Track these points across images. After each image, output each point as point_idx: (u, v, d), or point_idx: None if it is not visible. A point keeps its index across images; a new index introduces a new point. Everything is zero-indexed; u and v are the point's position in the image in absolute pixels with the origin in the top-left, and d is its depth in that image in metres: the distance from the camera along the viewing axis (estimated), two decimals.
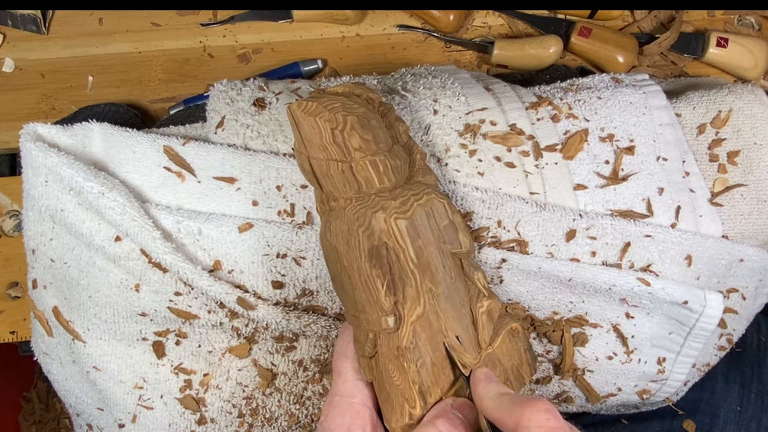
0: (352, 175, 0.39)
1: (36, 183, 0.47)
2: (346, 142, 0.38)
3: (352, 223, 0.38)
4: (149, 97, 0.63)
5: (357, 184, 0.39)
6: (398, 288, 0.38)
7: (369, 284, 0.37)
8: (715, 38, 0.62)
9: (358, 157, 0.38)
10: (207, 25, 0.63)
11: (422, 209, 0.39)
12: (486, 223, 0.46)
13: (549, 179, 0.48)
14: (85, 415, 0.54)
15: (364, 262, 0.37)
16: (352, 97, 0.41)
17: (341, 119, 0.38)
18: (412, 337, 0.38)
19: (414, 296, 0.38)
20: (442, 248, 0.40)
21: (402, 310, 0.38)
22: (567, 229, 0.47)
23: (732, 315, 0.53)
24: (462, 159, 0.47)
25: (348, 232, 0.38)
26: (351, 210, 0.38)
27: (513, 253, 0.46)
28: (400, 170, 0.41)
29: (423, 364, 0.38)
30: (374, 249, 0.37)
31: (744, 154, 0.52)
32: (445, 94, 0.49)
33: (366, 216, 0.38)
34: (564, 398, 0.53)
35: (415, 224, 0.38)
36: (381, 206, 0.38)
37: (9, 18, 0.62)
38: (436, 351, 0.39)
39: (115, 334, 0.48)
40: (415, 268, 0.38)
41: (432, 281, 0.39)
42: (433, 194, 0.40)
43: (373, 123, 0.40)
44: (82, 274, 0.47)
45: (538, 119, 0.50)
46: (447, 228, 0.40)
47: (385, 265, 0.37)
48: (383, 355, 0.38)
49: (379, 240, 0.37)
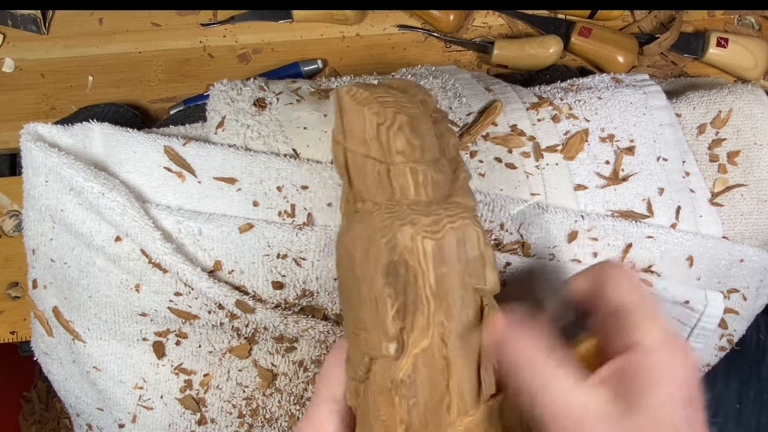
0: (388, 179, 0.35)
1: (36, 183, 0.47)
2: (390, 142, 0.34)
3: (376, 231, 0.34)
4: (149, 97, 0.63)
5: (391, 190, 0.35)
6: (408, 313, 0.34)
7: (378, 302, 0.33)
8: (715, 38, 0.62)
9: (399, 161, 0.35)
10: (207, 25, 0.63)
11: (454, 234, 0.35)
12: (489, 226, 0.46)
13: (550, 180, 0.48)
14: (85, 415, 0.54)
15: (378, 277, 0.33)
16: (408, 95, 0.38)
17: (391, 116, 0.34)
18: (411, 371, 0.33)
19: (423, 326, 0.34)
20: (466, 281, 0.35)
21: (407, 339, 0.34)
22: (569, 230, 0.47)
23: (733, 315, 0.53)
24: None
25: (369, 240, 0.34)
26: (378, 216, 0.34)
27: (516, 256, 0.46)
28: (440, 185, 0.37)
29: (416, 404, 0.34)
30: (392, 265, 0.33)
31: (744, 154, 0.52)
32: (445, 95, 0.49)
33: (393, 227, 0.34)
34: None
35: (443, 248, 0.34)
36: (411, 220, 0.34)
37: (9, 18, 0.62)
38: (433, 392, 0.34)
39: (115, 334, 0.48)
40: (431, 296, 0.34)
41: (447, 315, 0.34)
42: (469, 220, 0.36)
43: (423, 128, 0.36)
44: (82, 274, 0.47)
45: (539, 120, 0.50)
46: (476, 260, 0.36)
47: (401, 286, 0.33)
48: (375, 383, 0.34)
49: (400, 256, 0.33)
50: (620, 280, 0.32)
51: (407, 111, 0.35)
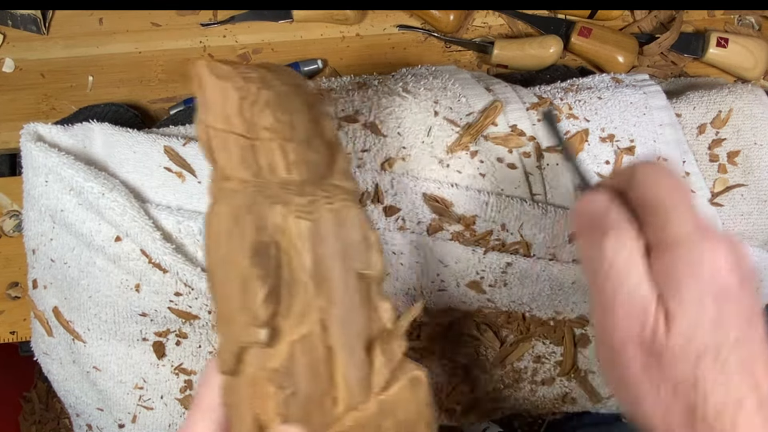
0: (253, 155, 0.33)
1: (36, 183, 0.47)
2: (255, 118, 0.33)
3: (241, 209, 0.32)
4: (149, 97, 0.63)
5: (257, 166, 0.33)
6: (283, 298, 0.31)
7: (246, 284, 0.31)
8: (715, 38, 0.62)
9: (266, 137, 0.33)
10: (207, 25, 0.63)
11: (333, 215, 0.33)
12: (490, 227, 0.46)
13: (550, 180, 0.48)
14: (85, 415, 0.54)
15: (245, 257, 0.31)
16: (278, 74, 0.36)
17: (254, 91, 0.33)
18: (288, 360, 0.31)
19: (301, 312, 0.32)
20: (349, 265, 0.34)
21: (282, 325, 0.31)
22: (570, 230, 0.47)
23: None
24: (463, 160, 0.47)
25: (233, 219, 0.32)
26: (244, 194, 0.32)
27: (517, 256, 0.46)
28: (315, 166, 0.35)
29: (295, 395, 0.31)
30: (261, 245, 0.31)
31: (744, 154, 0.52)
32: (445, 95, 0.49)
33: (260, 205, 0.32)
34: (567, 399, 0.53)
35: (319, 229, 0.32)
36: (282, 199, 0.32)
37: (9, 18, 0.61)
38: (315, 383, 0.32)
39: (115, 335, 0.48)
40: (309, 280, 0.32)
41: (327, 300, 0.32)
42: (349, 201, 0.34)
43: (293, 107, 0.35)
44: (82, 274, 0.47)
45: (539, 120, 0.50)
46: (359, 244, 0.34)
47: (271, 268, 0.31)
48: (247, 375, 0.31)
49: (270, 237, 0.31)
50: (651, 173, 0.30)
51: (275, 88, 0.34)
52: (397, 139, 0.48)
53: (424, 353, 0.51)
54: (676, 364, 0.28)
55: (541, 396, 0.53)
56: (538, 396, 0.53)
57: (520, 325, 0.50)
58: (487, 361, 0.51)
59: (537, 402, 0.53)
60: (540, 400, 0.53)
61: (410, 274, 0.48)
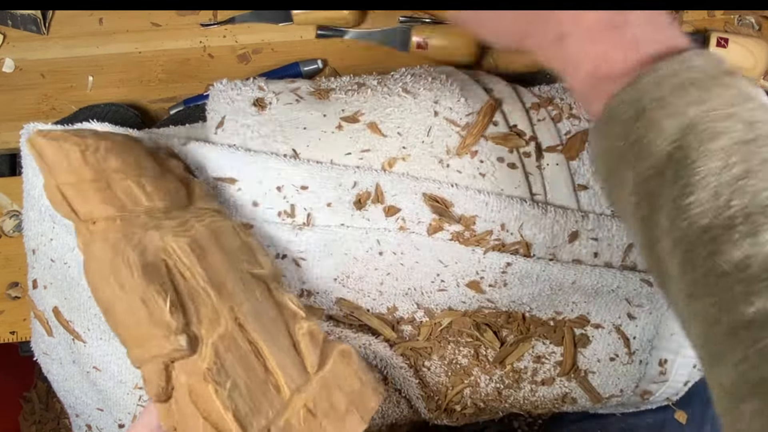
0: (112, 193, 0.35)
1: (36, 183, 0.47)
2: (101, 164, 0.35)
3: (118, 240, 0.33)
4: (149, 97, 0.63)
5: (119, 202, 0.35)
6: (189, 308, 0.33)
7: (149, 303, 0.32)
8: (715, 38, 0.62)
9: (118, 177, 0.35)
10: (207, 25, 0.63)
11: (206, 229, 0.36)
12: (490, 227, 0.46)
13: (550, 180, 0.48)
14: (85, 415, 0.54)
15: (138, 280, 0.32)
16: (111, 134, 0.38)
17: (92, 143, 0.35)
18: (215, 358, 0.33)
19: (211, 316, 0.34)
20: (239, 268, 0.37)
21: (198, 331, 0.33)
22: (570, 230, 0.47)
23: None
24: (464, 160, 0.47)
25: (113, 252, 0.33)
26: (114, 228, 0.34)
27: (517, 256, 0.46)
28: (173, 194, 0.38)
29: (235, 386, 0.33)
30: (149, 266, 0.33)
31: None
32: (444, 95, 0.49)
33: (135, 233, 0.34)
34: (567, 399, 0.53)
35: (199, 242, 0.35)
36: (154, 225, 0.34)
37: (9, 18, 0.61)
38: (250, 373, 0.34)
39: (115, 335, 0.48)
40: (208, 287, 0.34)
41: (232, 300, 0.35)
42: (217, 216, 0.38)
43: (136, 151, 0.37)
44: (82, 274, 0.47)
45: (539, 120, 0.50)
46: (241, 249, 0.37)
47: (167, 282, 0.33)
48: (183, 387, 0.33)
49: (155, 257, 0.33)
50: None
51: (110, 139, 0.36)
52: (397, 139, 0.48)
53: (424, 353, 0.51)
54: None
55: (541, 396, 0.53)
56: (538, 396, 0.53)
57: (520, 325, 0.50)
58: (487, 361, 0.51)
59: (537, 402, 0.53)
60: (540, 400, 0.53)
61: (410, 274, 0.48)
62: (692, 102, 0.29)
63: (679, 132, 0.29)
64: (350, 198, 0.46)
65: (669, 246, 0.30)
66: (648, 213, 0.31)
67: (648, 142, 0.30)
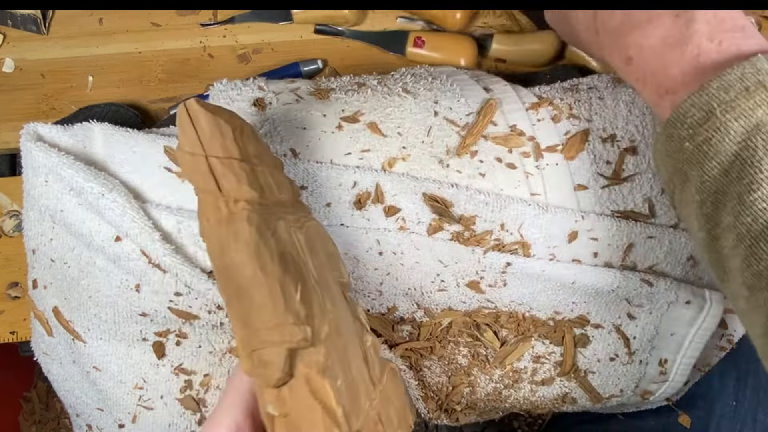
0: (255, 178, 0.35)
1: (36, 183, 0.47)
2: (246, 146, 0.35)
3: (261, 225, 0.33)
4: (149, 97, 0.63)
5: (260, 188, 0.35)
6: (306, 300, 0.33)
7: (286, 290, 0.32)
8: None
9: (256, 162, 0.36)
10: (207, 25, 0.63)
11: (314, 230, 0.37)
12: (489, 227, 0.46)
13: (550, 180, 0.48)
14: (85, 415, 0.54)
15: (276, 267, 0.32)
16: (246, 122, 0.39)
17: (239, 123, 0.35)
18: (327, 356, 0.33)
19: (320, 313, 0.34)
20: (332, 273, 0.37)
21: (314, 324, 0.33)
22: (569, 230, 0.47)
23: (733, 315, 0.53)
24: (463, 160, 0.47)
25: (259, 235, 0.33)
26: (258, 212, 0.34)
27: (517, 256, 0.46)
28: (290, 188, 0.39)
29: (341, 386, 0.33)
30: (285, 255, 0.33)
31: None
32: (445, 95, 0.49)
33: (271, 221, 0.34)
34: (567, 399, 0.53)
35: (310, 240, 0.36)
36: (281, 216, 0.35)
37: (9, 18, 0.61)
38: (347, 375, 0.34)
39: (115, 335, 0.48)
40: (316, 284, 0.34)
41: (332, 302, 0.35)
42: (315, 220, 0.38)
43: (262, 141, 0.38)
44: (82, 274, 0.47)
45: (539, 120, 0.50)
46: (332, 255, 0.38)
47: (298, 273, 0.34)
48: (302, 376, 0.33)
49: (285, 248, 0.34)
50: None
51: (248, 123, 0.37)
52: (397, 139, 0.48)
53: (424, 353, 0.51)
54: None
55: (540, 396, 0.53)
56: (538, 396, 0.53)
57: (520, 325, 0.50)
58: (487, 361, 0.51)
59: (537, 402, 0.53)
60: (540, 400, 0.53)
61: (410, 274, 0.48)
62: (760, 104, 0.31)
63: (747, 132, 0.30)
64: (350, 198, 0.46)
65: (732, 241, 0.31)
66: (712, 210, 0.32)
67: (715, 143, 0.31)
